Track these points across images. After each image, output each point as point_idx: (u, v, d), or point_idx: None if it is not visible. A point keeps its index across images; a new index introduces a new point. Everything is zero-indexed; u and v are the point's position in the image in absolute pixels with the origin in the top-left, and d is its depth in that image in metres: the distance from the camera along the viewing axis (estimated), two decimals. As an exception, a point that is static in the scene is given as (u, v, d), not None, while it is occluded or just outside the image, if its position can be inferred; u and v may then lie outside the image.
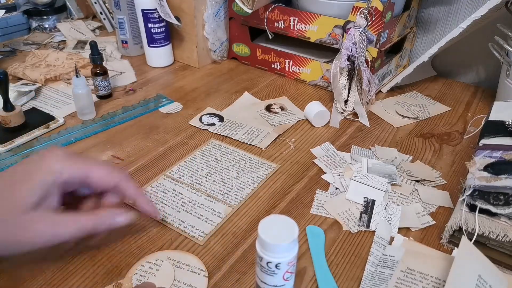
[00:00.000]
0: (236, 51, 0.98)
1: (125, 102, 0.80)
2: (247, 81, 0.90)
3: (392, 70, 0.89)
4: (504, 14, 0.71)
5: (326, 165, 0.63)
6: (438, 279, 0.44)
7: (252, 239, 0.51)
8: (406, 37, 0.89)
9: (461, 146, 0.69)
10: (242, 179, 0.60)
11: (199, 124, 0.73)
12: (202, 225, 0.52)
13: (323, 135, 0.72)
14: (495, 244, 0.46)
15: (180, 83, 0.89)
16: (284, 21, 0.85)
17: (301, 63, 0.88)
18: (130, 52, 1.00)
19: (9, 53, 0.99)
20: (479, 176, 0.47)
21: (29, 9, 1.13)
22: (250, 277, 0.46)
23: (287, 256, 0.37)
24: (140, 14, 0.88)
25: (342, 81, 0.75)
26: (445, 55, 0.90)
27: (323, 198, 0.57)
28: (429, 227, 0.53)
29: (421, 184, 0.60)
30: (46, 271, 0.46)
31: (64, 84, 0.86)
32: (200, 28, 0.90)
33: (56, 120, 0.72)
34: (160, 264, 0.46)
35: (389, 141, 0.70)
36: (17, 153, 0.64)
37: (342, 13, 0.78)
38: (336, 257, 0.48)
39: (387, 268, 0.46)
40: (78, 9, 1.19)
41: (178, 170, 0.62)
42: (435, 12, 0.90)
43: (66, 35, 1.09)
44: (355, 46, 0.71)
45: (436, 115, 0.78)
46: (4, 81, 0.64)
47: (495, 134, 0.55)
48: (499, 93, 0.76)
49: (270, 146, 0.68)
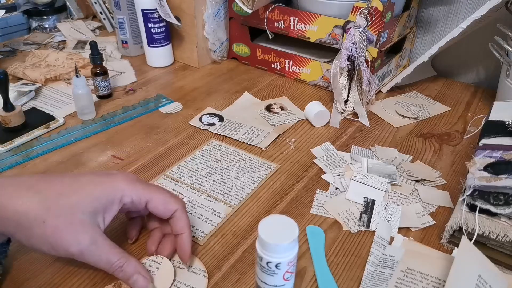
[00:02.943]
0: (236, 51, 0.98)
1: (125, 102, 0.80)
2: (247, 81, 0.90)
3: (392, 70, 0.89)
4: (504, 14, 0.71)
5: (326, 165, 0.63)
6: (438, 279, 0.44)
7: (252, 239, 0.51)
8: (406, 37, 0.89)
9: (461, 146, 0.69)
10: (242, 179, 0.60)
11: (199, 124, 0.73)
12: (202, 225, 0.52)
13: (323, 135, 0.72)
14: (495, 244, 0.46)
15: (180, 83, 0.89)
16: (284, 21, 0.85)
17: (301, 63, 0.88)
18: (130, 52, 1.00)
19: (9, 53, 0.99)
20: (479, 176, 0.47)
21: (29, 9, 1.13)
22: (250, 277, 0.46)
23: (287, 256, 0.37)
24: (140, 14, 0.88)
25: (342, 81, 0.75)
26: (445, 55, 0.90)
27: (323, 198, 0.57)
28: (429, 227, 0.53)
29: (421, 184, 0.60)
30: (46, 271, 0.46)
31: (64, 84, 0.86)
32: (200, 28, 0.90)
33: (56, 120, 0.72)
34: (160, 262, 0.46)
35: (389, 141, 0.70)
36: (17, 153, 0.64)
37: (342, 13, 0.78)
38: (336, 257, 0.48)
39: (387, 268, 0.46)
40: (78, 9, 1.19)
41: (178, 170, 0.62)
42: (435, 12, 0.90)
43: (66, 35, 1.09)
44: (355, 46, 0.71)
45: (436, 115, 0.78)
46: (4, 81, 0.64)
47: (495, 134, 0.55)
48: (499, 93, 0.76)
49: (270, 146, 0.68)
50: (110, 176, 0.43)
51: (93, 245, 0.40)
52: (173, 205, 0.45)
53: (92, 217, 0.40)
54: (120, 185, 0.42)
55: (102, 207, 0.41)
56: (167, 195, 0.45)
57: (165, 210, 0.45)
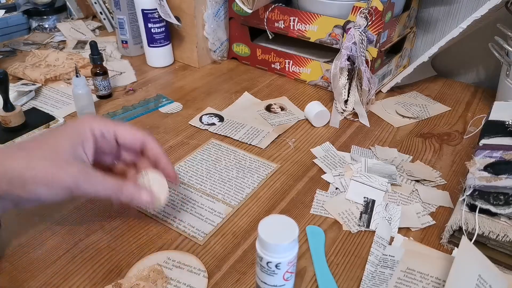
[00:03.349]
0: (236, 51, 0.98)
1: (125, 102, 0.80)
2: (247, 81, 0.90)
3: (392, 70, 0.89)
4: (504, 14, 0.71)
5: (326, 165, 0.63)
6: (438, 279, 0.44)
7: (252, 239, 0.51)
8: (406, 37, 0.89)
9: (461, 146, 0.69)
10: (242, 179, 0.60)
11: (199, 124, 0.73)
12: (202, 225, 0.52)
13: (323, 135, 0.72)
14: (495, 244, 0.46)
15: (180, 83, 0.89)
16: (284, 21, 0.85)
17: (301, 63, 0.88)
18: (130, 52, 1.00)
19: (9, 53, 0.99)
20: (479, 176, 0.47)
21: (29, 9, 1.13)
22: (250, 277, 0.46)
23: (287, 256, 0.37)
24: (140, 14, 0.88)
25: (342, 81, 0.75)
26: (445, 55, 0.90)
27: (323, 198, 0.57)
28: (429, 227, 0.53)
29: (421, 184, 0.60)
30: (46, 271, 0.46)
31: (64, 84, 0.86)
32: (200, 28, 0.90)
33: (56, 120, 0.72)
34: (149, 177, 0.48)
35: (389, 141, 0.70)
36: (17, 153, 0.64)
37: (342, 13, 0.78)
38: (336, 257, 0.48)
39: (387, 268, 0.46)
40: (78, 9, 1.19)
41: (178, 170, 0.62)
42: (435, 12, 0.90)
43: (66, 35, 1.09)
44: (355, 46, 0.71)
45: (436, 115, 0.78)
46: (4, 81, 0.64)
47: (495, 134, 0.55)
48: (499, 93, 0.76)
49: (270, 146, 0.68)
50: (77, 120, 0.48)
51: (84, 175, 0.43)
52: (140, 133, 0.49)
53: (73, 153, 0.44)
54: (87, 121, 0.47)
55: (79, 143, 0.45)
56: (133, 127, 0.49)
57: (134, 138, 0.48)
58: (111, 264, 0.47)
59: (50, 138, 0.44)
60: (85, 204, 0.55)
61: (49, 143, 0.44)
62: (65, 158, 0.43)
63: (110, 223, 0.52)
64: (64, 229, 0.51)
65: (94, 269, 0.46)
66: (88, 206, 0.55)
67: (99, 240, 0.50)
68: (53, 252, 0.48)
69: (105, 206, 0.55)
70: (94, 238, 0.50)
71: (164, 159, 0.49)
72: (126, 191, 0.45)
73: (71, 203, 0.55)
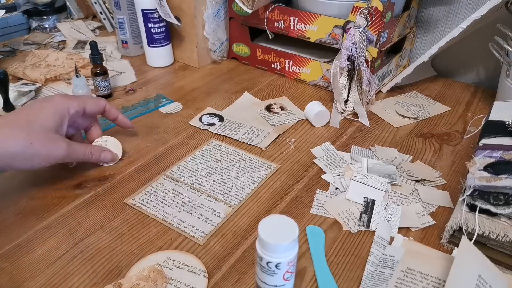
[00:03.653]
0: (236, 51, 0.98)
1: (125, 102, 0.80)
2: (247, 81, 0.90)
3: (392, 70, 0.89)
4: (504, 14, 0.71)
5: (326, 165, 0.63)
6: (438, 279, 0.44)
7: (252, 239, 0.51)
8: (406, 37, 0.89)
9: (461, 146, 0.69)
10: (242, 179, 0.60)
11: (199, 124, 0.73)
12: (202, 225, 0.52)
13: (323, 135, 0.72)
14: (495, 244, 0.46)
15: (180, 83, 0.89)
16: (284, 21, 0.85)
17: (301, 63, 0.88)
18: (130, 52, 1.00)
19: (9, 53, 0.99)
20: (479, 176, 0.47)
21: (29, 9, 1.13)
22: (250, 277, 0.46)
23: (287, 256, 0.37)
24: (140, 14, 0.88)
25: (342, 81, 0.75)
26: (445, 55, 0.90)
27: (323, 198, 0.57)
28: (429, 227, 0.53)
29: (421, 184, 0.60)
30: (46, 271, 0.46)
31: (64, 84, 0.86)
32: (200, 28, 0.90)
33: (56, 120, 0.72)
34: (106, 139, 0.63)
35: (389, 141, 0.70)
36: (17, 153, 0.64)
37: (342, 13, 0.78)
38: (336, 257, 0.48)
39: (387, 268, 0.46)
40: (78, 9, 1.19)
41: (178, 170, 0.62)
42: (435, 12, 0.90)
43: (66, 35, 1.09)
44: (355, 46, 0.71)
45: (436, 115, 0.78)
46: (4, 81, 0.65)
47: (495, 134, 0.55)
48: (499, 93, 0.76)
49: (270, 146, 0.68)
50: (50, 100, 0.56)
51: (70, 146, 0.55)
52: (101, 101, 0.62)
53: (57, 131, 0.55)
54: (64, 103, 0.56)
55: (60, 122, 0.55)
56: (93, 98, 0.62)
57: (99, 106, 0.61)
58: (111, 264, 0.47)
59: (40, 116, 0.53)
60: (85, 204, 0.55)
61: (39, 122, 0.53)
62: (54, 135, 0.54)
63: (110, 223, 0.52)
64: (64, 229, 0.51)
65: (94, 269, 0.46)
66: (88, 206, 0.55)
67: (99, 240, 0.50)
68: (53, 252, 0.48)
69: (105, 206, 0.55)
70: (94, 238, 0.50)
71: (120, 115, 0.65)
72: (96, 153, 0.60)
73: (71, 203, 0.55)
